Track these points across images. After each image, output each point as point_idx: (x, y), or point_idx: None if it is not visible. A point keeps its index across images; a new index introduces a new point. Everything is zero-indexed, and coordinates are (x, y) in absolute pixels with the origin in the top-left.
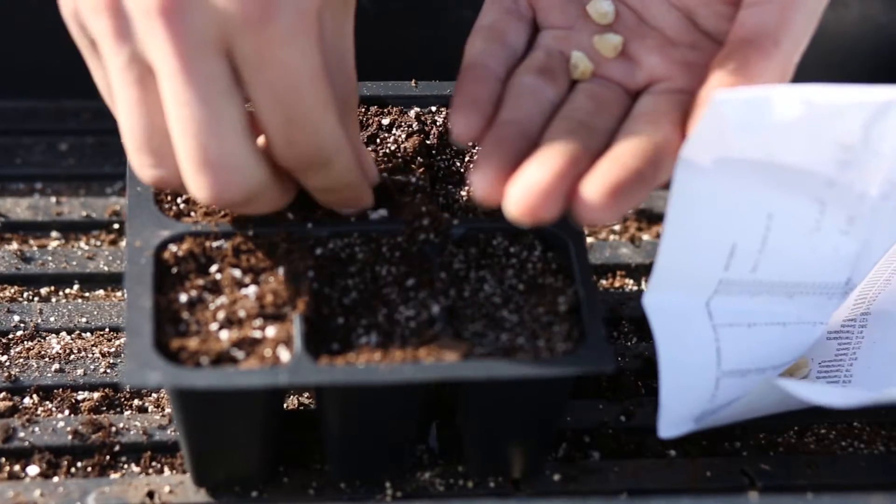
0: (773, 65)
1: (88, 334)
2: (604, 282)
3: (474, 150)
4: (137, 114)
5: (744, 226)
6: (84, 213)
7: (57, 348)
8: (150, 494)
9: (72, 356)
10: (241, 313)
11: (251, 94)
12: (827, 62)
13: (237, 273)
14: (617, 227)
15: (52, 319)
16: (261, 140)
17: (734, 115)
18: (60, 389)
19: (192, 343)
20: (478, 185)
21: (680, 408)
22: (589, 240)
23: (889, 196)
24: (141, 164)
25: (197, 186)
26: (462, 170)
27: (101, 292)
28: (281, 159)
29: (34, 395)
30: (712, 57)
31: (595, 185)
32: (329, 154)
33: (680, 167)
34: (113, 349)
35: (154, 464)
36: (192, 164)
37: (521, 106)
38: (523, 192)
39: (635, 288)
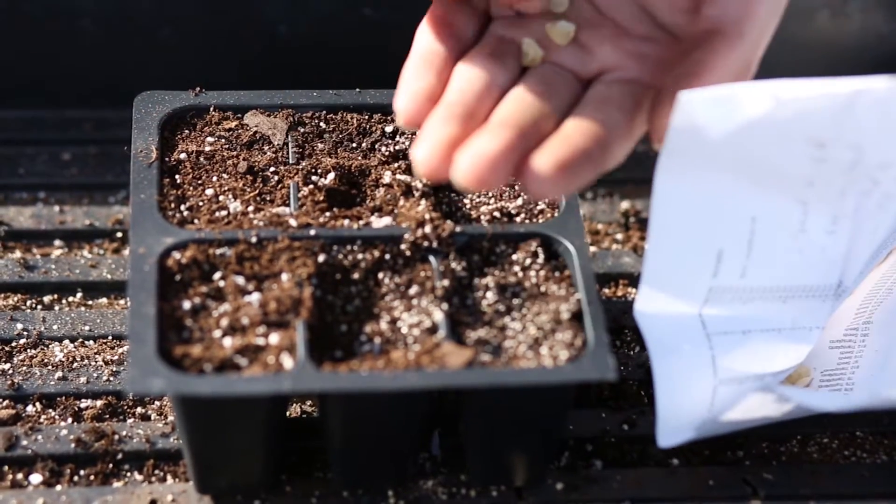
0: (738, 55)
1: (91, 342)
2: (606, 291)
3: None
4: None
5: (728, 230)
6: (87, 222)
7: (60, 356)
8: (153, 503)
9: (75, 364)
10: (245, 320)
11: None
12: (828, 73)
13: (240, 280)
14: (619, 237)
15: (55, 327)
16: None
17: (702, 115)
18: (63, 397)
19: (196, 350)
20: (420, 157)
21: (678, 417)
22: (592, 249)
23: (870, 193)
24: None
25: None
26: None
27: (104, 300)
28: None
29: (37, 403)
30: (665, 49)
31: (545, 159)
32: None
33: (659, 174)
34: (116, 357)
35: (157, 472)
36: None
37: (468, 87)
38: (471, 160)
39: None
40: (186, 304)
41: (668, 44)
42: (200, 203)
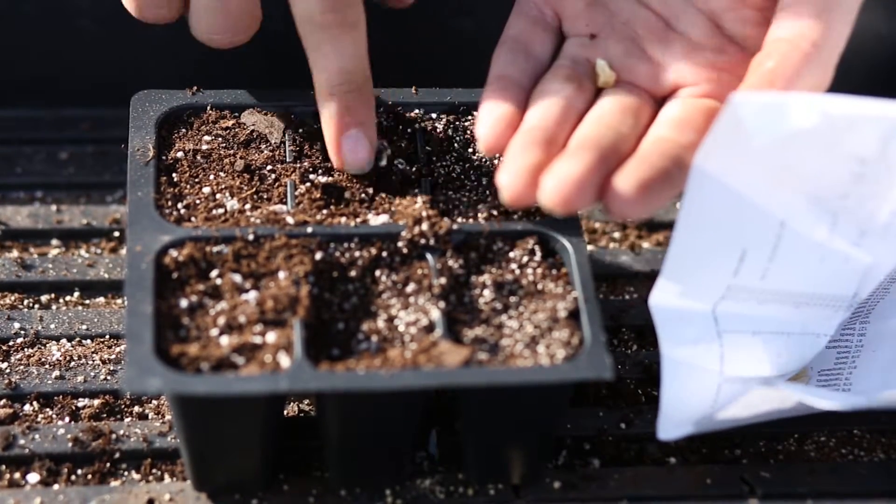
0: (814, 66)
1: (89, 341)
2: (604, 289)
3: (475, 158)
4: None
5: (755, 232)
6: (84, 222)
7: (57, 355)
8: (151, 502)
9: (72, 363)
10: (242, 319)
11: None
12: None
13: (237, 278)
14: (617, 235)
15: (52, 326)
16: None
17: (750, 118)
18: (61, 396)
19: (193, 349)
20: (505, 183)
21: (680, 410)
22: (589, 247)
23: None
24: (144, 6)
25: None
26: (461, 175)
27: (101, 300)
28: None
29: (34, 403)
30: (737, 62)
31: (626, 180)
32: None
33: (694, 170)
34: (113, 356)
35: (154, 471)
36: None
37: (547, 112)
38: (557, 184)
39: (636, 296)
40: (183, 303)
41: (739, 57)
42: (197, 201)
